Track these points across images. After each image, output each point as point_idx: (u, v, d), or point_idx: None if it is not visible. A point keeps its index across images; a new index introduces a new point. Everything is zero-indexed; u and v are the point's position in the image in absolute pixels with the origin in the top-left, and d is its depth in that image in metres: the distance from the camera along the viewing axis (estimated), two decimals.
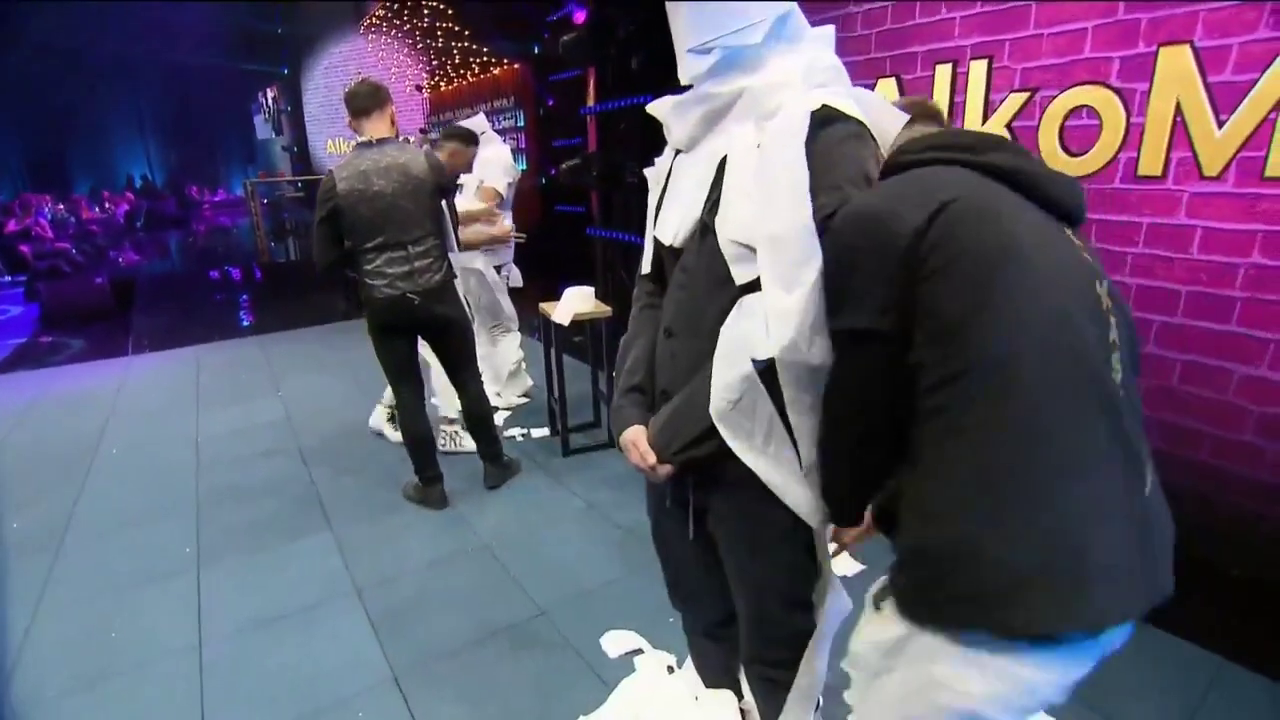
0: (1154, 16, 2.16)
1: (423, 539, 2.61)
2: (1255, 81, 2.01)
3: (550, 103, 8.54)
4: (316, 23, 11.72)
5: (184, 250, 10.56)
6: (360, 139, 2.55)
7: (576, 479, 3.03)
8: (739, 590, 1.19)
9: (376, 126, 2.53)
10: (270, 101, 13.52)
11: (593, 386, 3.53)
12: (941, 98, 2.70)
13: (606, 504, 2.83)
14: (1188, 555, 0.99)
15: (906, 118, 1.01)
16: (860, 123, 0.95)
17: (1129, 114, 2.26)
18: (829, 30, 1.04)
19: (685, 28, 1.00)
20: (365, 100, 2.51)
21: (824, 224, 0.89)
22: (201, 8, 12.30)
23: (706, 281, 1.04)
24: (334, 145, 12.94)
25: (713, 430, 1.02)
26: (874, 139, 0.97)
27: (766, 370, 0.96)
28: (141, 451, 3.49)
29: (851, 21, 2.93)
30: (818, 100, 0.93)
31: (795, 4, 0.99)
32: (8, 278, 8.19)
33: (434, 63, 10.46)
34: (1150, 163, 2.24)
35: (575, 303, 3.13)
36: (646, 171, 1.22)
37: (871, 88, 2.91)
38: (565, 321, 3.09)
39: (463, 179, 3.67)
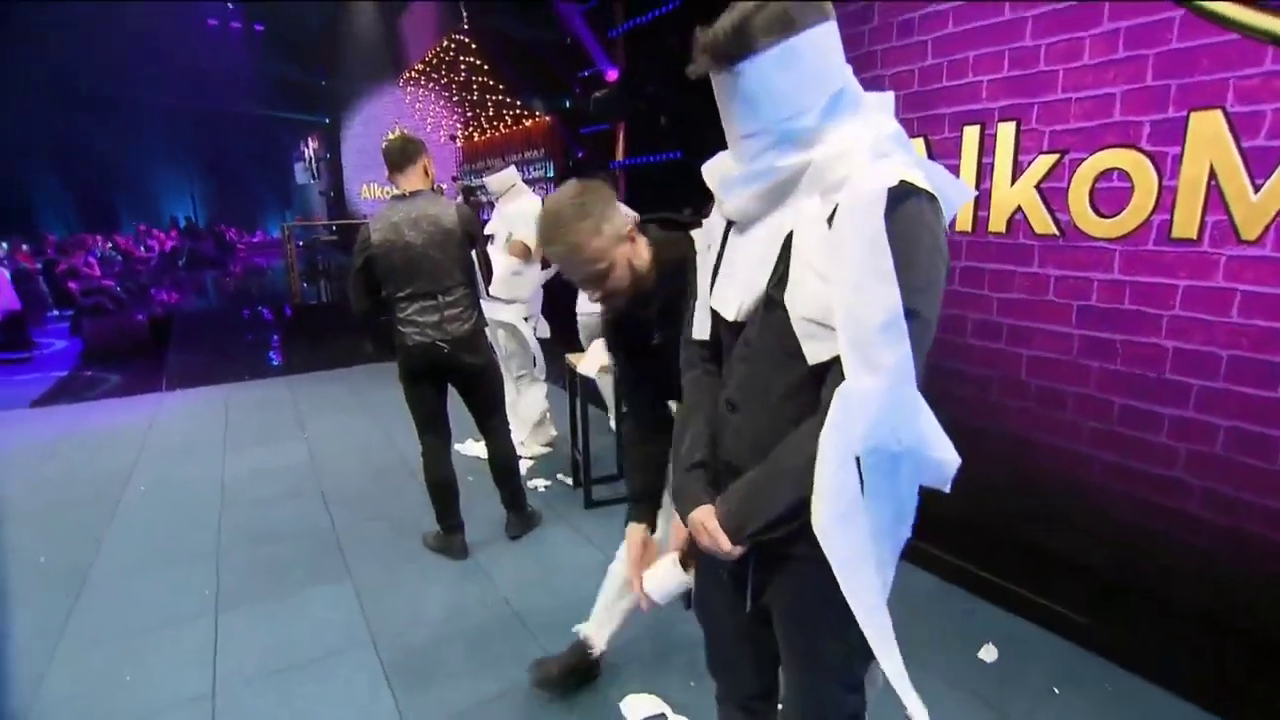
0: (1183, 83, 2.17)
1: (441, 588, 2.58)
2: None
3: (580, 155, 8.76)
4: (360, 76, 12.28)
5: (220, 289, 10.88)
6: (395, 192, 2.64)
7: (598, 532, 2.99)
8: (794, 668, 1.15)
9: (410, 180, 2.62)
10: (310, 149, 14.09)
11: (616, 439, 3.51)
12: (970, 158, 2.72)
13: None
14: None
15: (966, 186, 1.01)
16: (932, 195, 0.94)
17: (1161, 177, 2.25)
18: (889, 97, 1.02)
19: (735, 114, 0.99)
20: (398, 156, 2.62)
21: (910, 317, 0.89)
22: (252, 63, 13.01)
23: (772, 356, 1.03)
24: (369, 190, 13.41)
25: (788, 514, 0.99)
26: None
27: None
28: (169, 489, 3.53)
29: (879, 83, 2.99)
30: (894, 175, 0.90)
31: (849, 74, 0.99)
32: (55, 312, 8.49)
33: (469, 114, 10.85)
34: (1184, 225, 2.22)
35: (603, 354, 3.14)
36: (694, 233, 1.22)
37: None
38: (592, 373, 3.10)
39: (492, 229, 3.76)
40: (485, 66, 9.20)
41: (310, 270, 9.79)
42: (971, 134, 2.70)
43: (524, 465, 3.73)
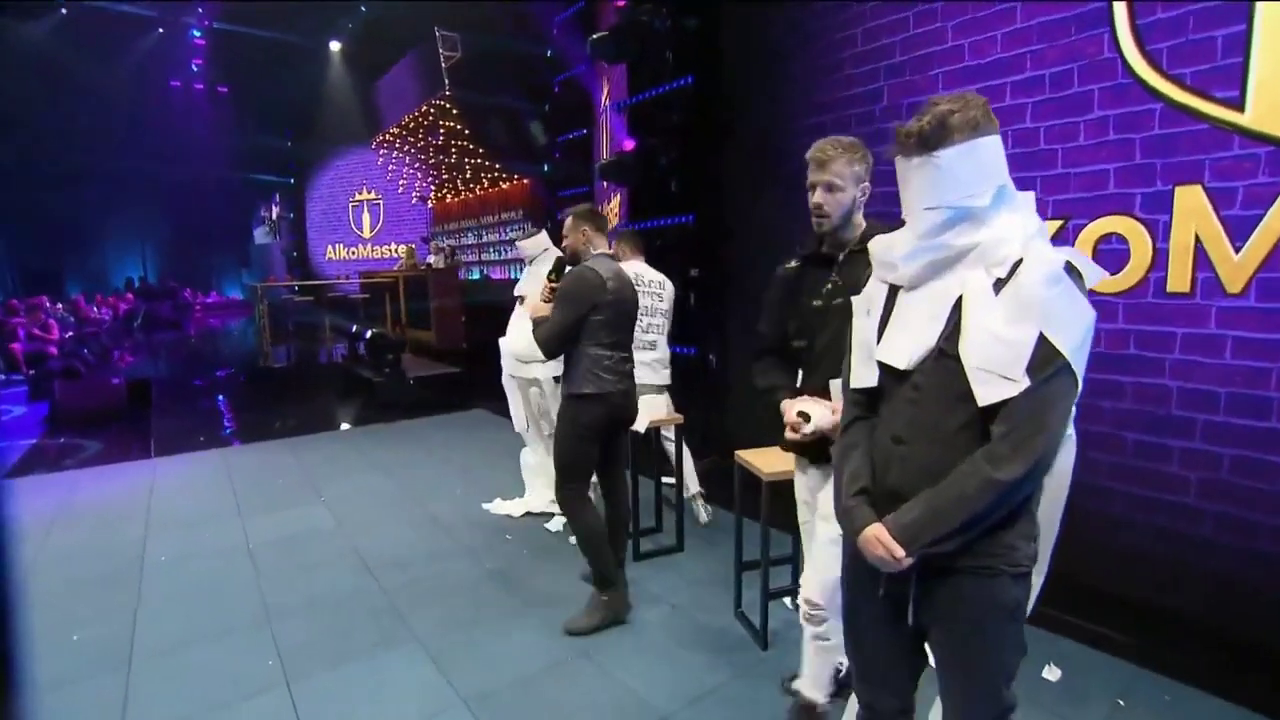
0: (1167, 161, 2.54)
1: (517, 644, 2.60)
2: (1262, 216, 2.36)
3: (560, 216, 9.04)
4: (328, 137, 12.37)
5: (184, 351, 10.54)
6: (596, 251, 2.74)
7: (655, 581, 3.07)
8: (956, 671, 1.30)
9: (602, 241, 2.77)
10: (273, 210, 13.99)
11: (656, 493, 3.63)
12: None
13: (690, 605, 2.88)
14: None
15: (1099, 269, 1.27)
16: (1080, 273, 1.19)
17: (1154, 240, 2.59)
18: (1030, 196, 1.28)
19: (923, 190, 1.22)
20: (601, 221, 2.81)
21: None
22: (215, 125, 12.95)
23: (942, 398, 1.23)
24: (334, 251, 13.34)
25: (959, 530, 1.18)
26: None
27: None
28: (194, 561, 3.43)
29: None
30: (1063, 258, 1.18)
31: (1008, 176, 1.24)
32: (2, 376, 8.05)
33: (444, 176, 11.06)
34: (1178, 282, 2.56)
35: (649, 410, 3.28)
36: (855, 300, 1.43)
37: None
38: (642, 429, 3.22)
39: (523, 290, 3.89)
40: (466, 131, 9.45)
41: (279, 331, 9.62)
42: None
43: (560, 522, 3.78)
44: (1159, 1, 2.49)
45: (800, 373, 1.93)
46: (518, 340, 3.72)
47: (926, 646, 1.40)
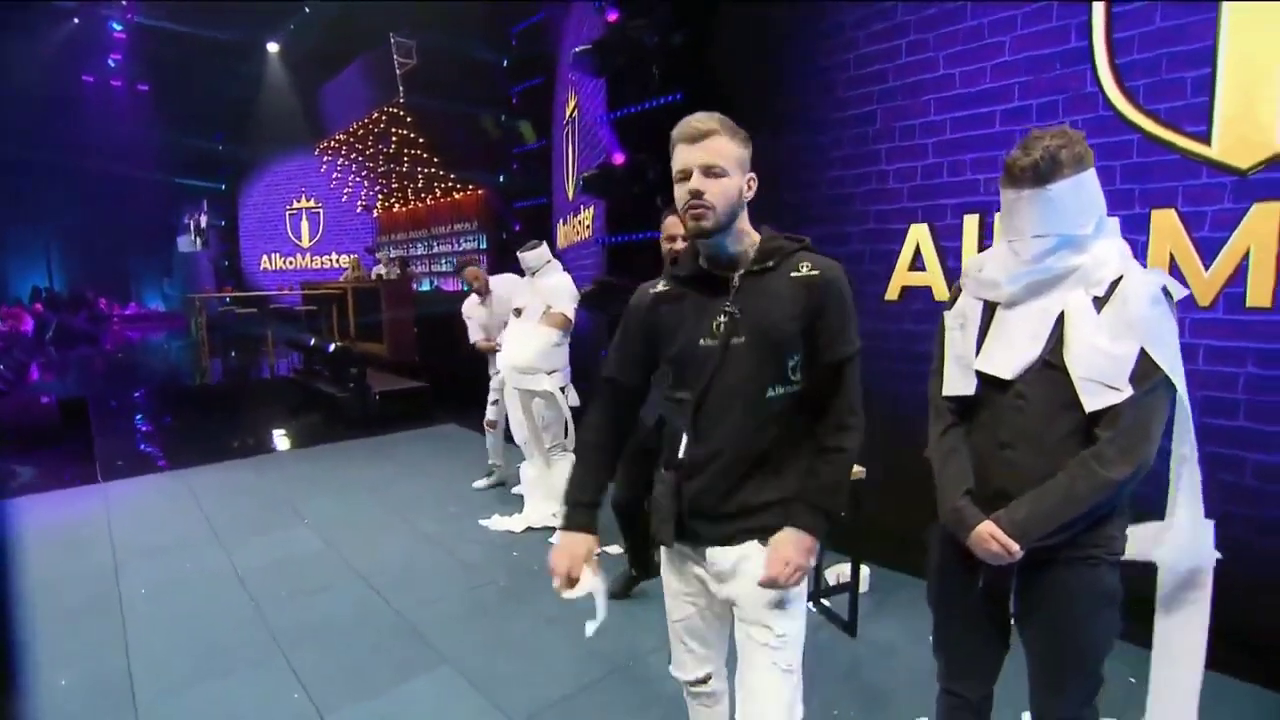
0: (1144, 187, 2.81)
1: (555, 665, 2.57)
2: (1227, 238, 2.64)
3: (516, 228, 8.96)
4: (266, 142, 11.82)
5: (111, 367, 9.78)
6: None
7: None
8: (1058, 653, 1.41)
9: None
10: (201, 215, 13.21)
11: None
12: (971, 241, 3.25)
13: None
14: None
15: (1181, 286, 1.41)
16: (1171, 295, 1.32)
17: (1137, 258, 2.85)
18: (1117, 220, 1.41)
19: (1033, 219, 1.33)
20: None
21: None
22: (136, 130, 12.13)
23: (1048, 406, 1.34)
24: (269, 261, 12.72)
25: (1068, 525, 1.31)
26: None
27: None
28: (179, 590, 3.22)
29: (884, 176, 3.51)
30: (1158, 280, 1.31)
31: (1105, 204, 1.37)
32: None
33: (394, 185, 10.76)
34: None
35: None
36: (947, 314, 1.53)
37: (904, 231, 3.46)
38: None
39: (524, 303, 3.87)
40: (420, 140, 9.25)
41: (219, 345, 9.09)
42: (972, 221, 3.25)
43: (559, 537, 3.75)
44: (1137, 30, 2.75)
45: (677, 433, 1.39)
46: (521, 353, 3.70)
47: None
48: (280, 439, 6.21)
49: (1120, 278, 1.33)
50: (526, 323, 3.73)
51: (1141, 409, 1.29)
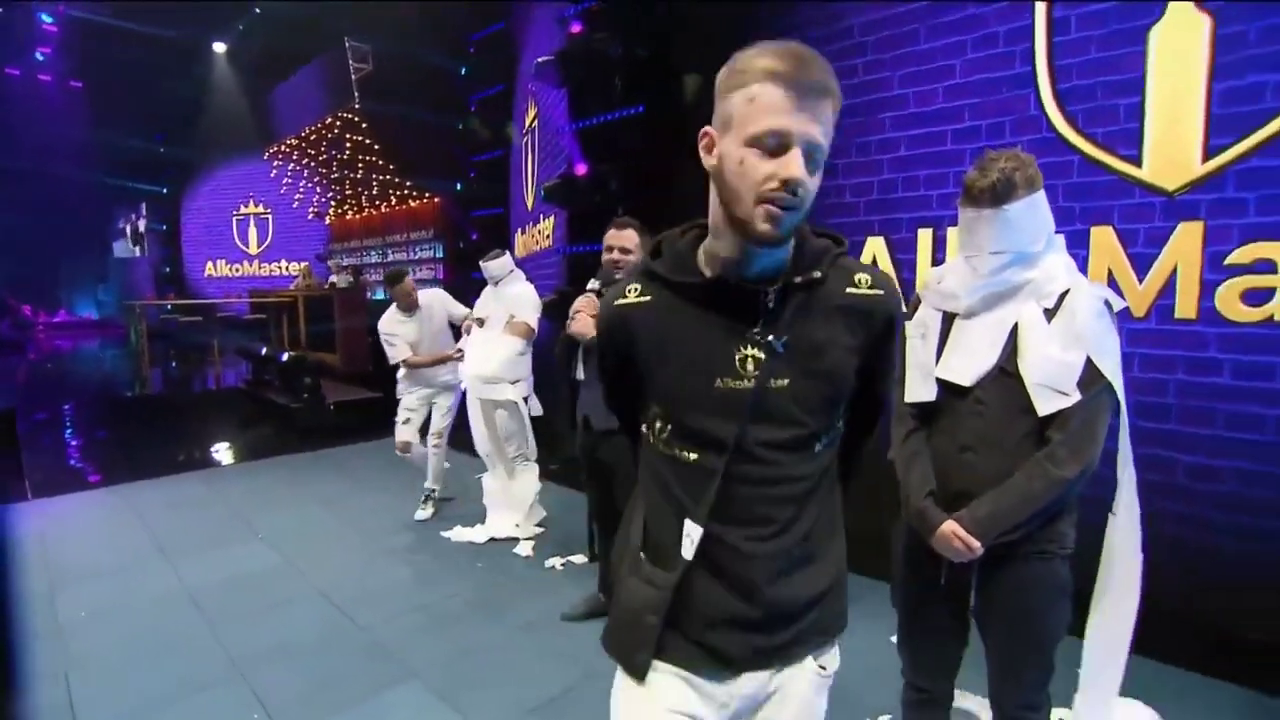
0: (1084, 205, 2.98)
1: (526, 676, 2.55)
2: (1157, 254, 2.83)
3: (474, 237, 8.88)
4: (211, 145, 11.42)
5: (38, 377, 9.25)
6: None
7: None
8: (1016, 642, 1.50)
9: None
10: (139, 219, 12.65)
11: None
12: (925, 253, 3.39)
13: None
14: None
15: (1120, 299, 1.51)
16: (1112, 307, 1.42)
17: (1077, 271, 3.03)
18: (1062, 238, 1.52)
19: (991, 237, 1.42)
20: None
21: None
22: (68, 128, 11.55)
23: (1004, 411, 1.43)
24: (214, 268, 12.27)
25: (1025, 521, 1.39)
26: None
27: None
28: (123, 614, 3.07)
29: (842, 191, 3.63)
30: (1101, 294, 1.42)
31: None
32: None
33: (348, 192, 10.54)
34: None
35: None
36: (908, 324, 1.60)
37: (861, 243, 3.58)
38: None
39: (486, 312, 3.85)
40: (375, 146, 9.09)
41: (160, 355, 8.71)
42: (925, 235, 3.39)
43: (527, 546, 3.73)
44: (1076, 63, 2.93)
45: (676, 510, 0.97)
46: (485, 362, 3.67)
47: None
48: (230, 451, 5.99)
49: (1068, 291, 1.44)
50: (490, 332, 3.71)
51: (1089, 413, 1.39)
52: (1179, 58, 2.69)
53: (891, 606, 1.69)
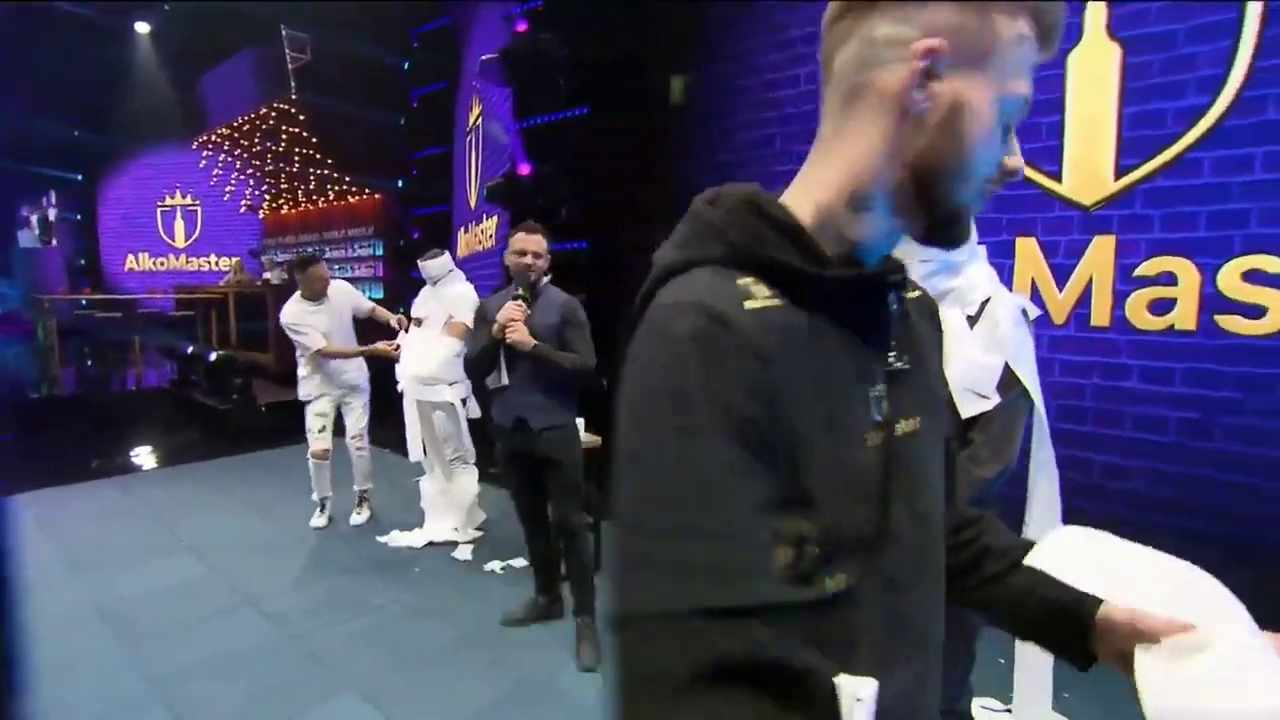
0: (1010, 217, 3.14)
1: (467, 683, 2.51)
2: (1075, 265, 3.00)
3: (416, 236, 8.66)
4: (133, 132, 10.78)
5: None
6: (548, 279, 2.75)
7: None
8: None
9: None
10: (48, 208, 11.82)
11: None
12: None
13: None
14: None
15: (1035, 308, 1.60)
16: (1029, 315, 1.50)
17: (1000, 280, 3.18)
18: (984, 249, 1.59)
19: (917, 246, 1.48)
20: None
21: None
22: None
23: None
24: (135, 261, 11.57)
25: None
26: None
27: None
28: (32, 635, 2.86)
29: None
30: (1019, 302, 1.47)
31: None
32: None
33: (282, 186, 10.13)
34: None
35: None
36: None
37: None
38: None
39: (425, 312, 3.77)
40: (313, 139, 8.77)
41: (72, 352, 8.15)
42: None
43: (465, 550, 3.67)
44: None
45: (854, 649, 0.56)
46: (423, 363, 3.60)
47: None
48: (152, 456, 5.67)
49: (989, 299, 1.51)
50: (428, 332, 3.64)
51: (1008, 416, 1.47)
52: (1094, 82, 2.86)
53: None
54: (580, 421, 3.40)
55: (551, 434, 2.63)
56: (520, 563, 3.52)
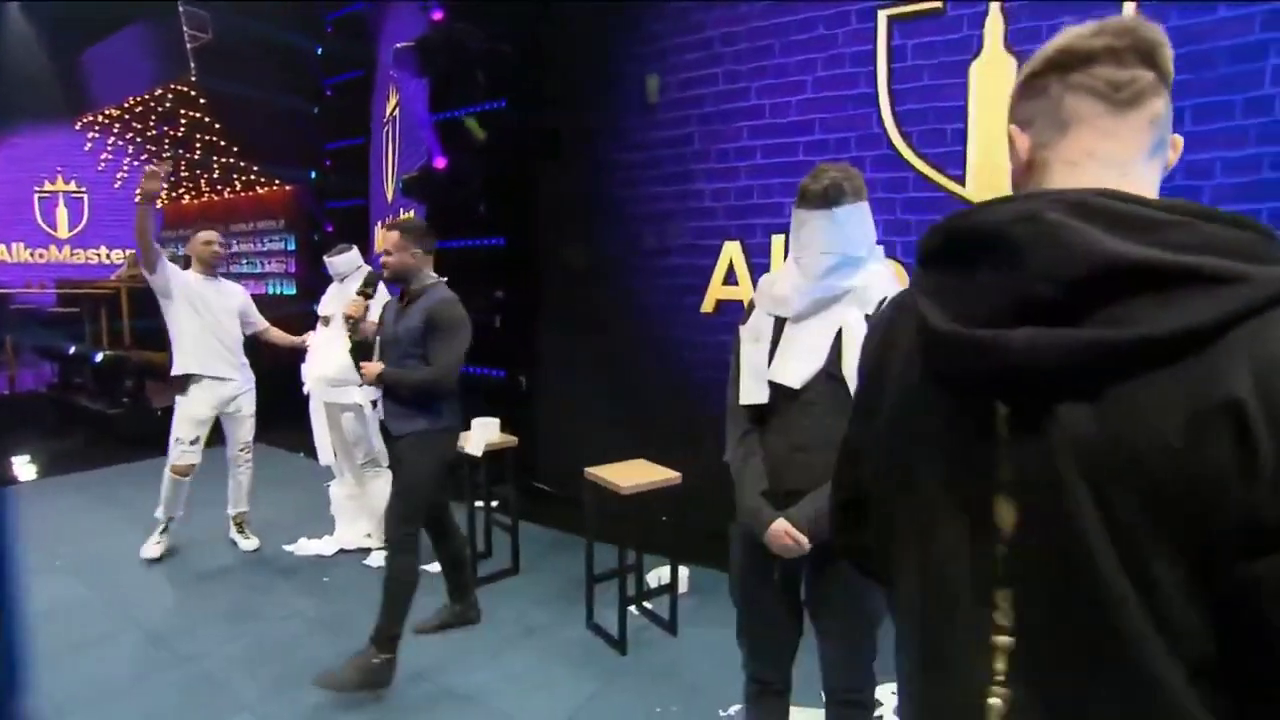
0: (919, 218, 3.25)
1: (370, 697, 2.39)
2: None
3: (329, 229, 8.27)
4: (8, 110, 9.82)
5: None
6: (432, 278, 2.58)
7: (501, 606, 3.03)
8: (845, 626, 1.59)
9: (430, 267, 2.62)
10: None
11: (485, 518, 3.55)
12: (778, 258, 3.55)
13: (543, 624, 2.90)
14: None
15: None
16: None
17: (910, 278, 3.30)
18: (882, 250, 1.62)
19: (820, 238, 1.49)
20: (432, 244, 2.62)
21: None
22: None
23: (832, 412, 1.48)
24: (8, 252, 10.53)
25: None
26: None
27: None
28: None
29: (701, 195, 3.73)
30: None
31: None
32: None
33: (182, 174, 9.45)
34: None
35: (486, 433, 3.23)
36: (742, 328, 1.65)
37: (719, 246, 3.69)
38: (479, 452, 3.16)
39: (331, 310, 3.58)
40: (216, 125, 8.23)
41: None
42: (779, 240, 3.54)
43: (378, 557, 3.51)
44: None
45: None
46: (329, 363, 3.43)
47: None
48: (24, 466, 5.15)
49: (886, 299, 1.54)
50: (335, 331, 3.46)
51: None
52: (993, 92, 3.00)
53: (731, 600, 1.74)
54: (493, 422, 3.33)
55: (404, 441, 2.49)
56: (435, 568, 3.39)
